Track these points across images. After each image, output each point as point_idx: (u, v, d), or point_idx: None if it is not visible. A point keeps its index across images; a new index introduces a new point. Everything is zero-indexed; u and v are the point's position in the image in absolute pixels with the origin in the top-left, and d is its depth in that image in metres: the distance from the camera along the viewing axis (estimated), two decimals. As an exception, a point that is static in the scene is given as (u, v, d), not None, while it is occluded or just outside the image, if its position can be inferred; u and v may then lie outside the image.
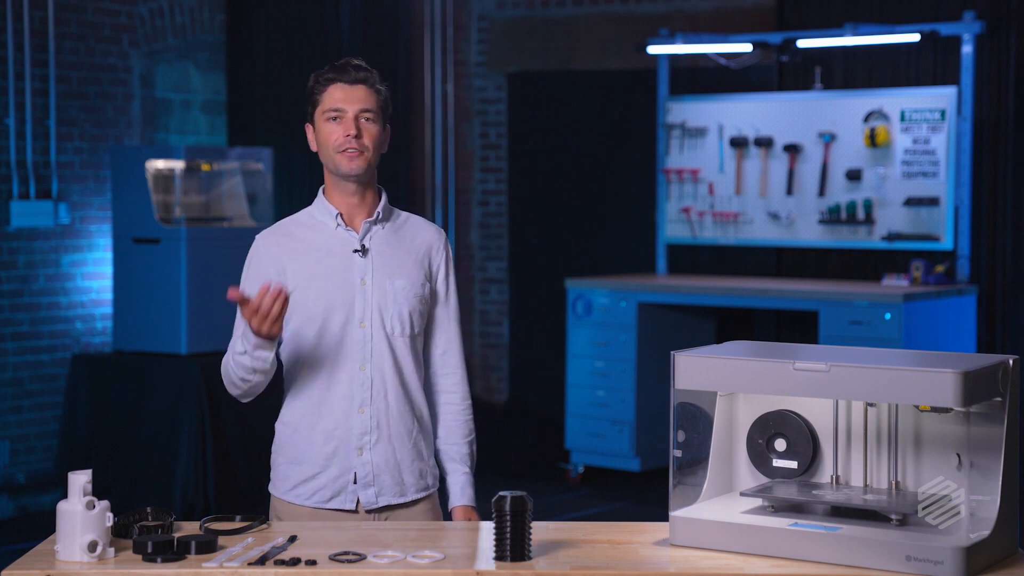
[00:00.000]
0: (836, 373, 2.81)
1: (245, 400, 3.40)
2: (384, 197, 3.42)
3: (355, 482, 3.33)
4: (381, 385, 3.34)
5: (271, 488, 3.42)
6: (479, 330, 9.54)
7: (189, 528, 3.08)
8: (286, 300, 3.14)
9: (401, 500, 3.37)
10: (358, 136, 3.30)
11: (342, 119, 3.31)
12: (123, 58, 7.83)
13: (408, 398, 3.37)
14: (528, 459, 8.51)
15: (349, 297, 3.33)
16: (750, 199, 8.28)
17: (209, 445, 7.09)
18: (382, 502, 3.35)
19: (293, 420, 3.38)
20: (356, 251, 3.35)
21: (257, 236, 3.42)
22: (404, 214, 3.46)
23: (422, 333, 3.42)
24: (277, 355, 3.33)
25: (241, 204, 7.73)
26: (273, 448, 3.43)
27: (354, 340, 3.32)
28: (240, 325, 3.29)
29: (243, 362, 3.24)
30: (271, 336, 3.18)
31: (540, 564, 2.81)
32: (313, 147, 3.40)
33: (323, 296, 3.32)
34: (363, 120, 3.32)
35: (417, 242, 3.42)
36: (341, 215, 3.37)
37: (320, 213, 3.40)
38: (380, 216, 3.39)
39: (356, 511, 3.34)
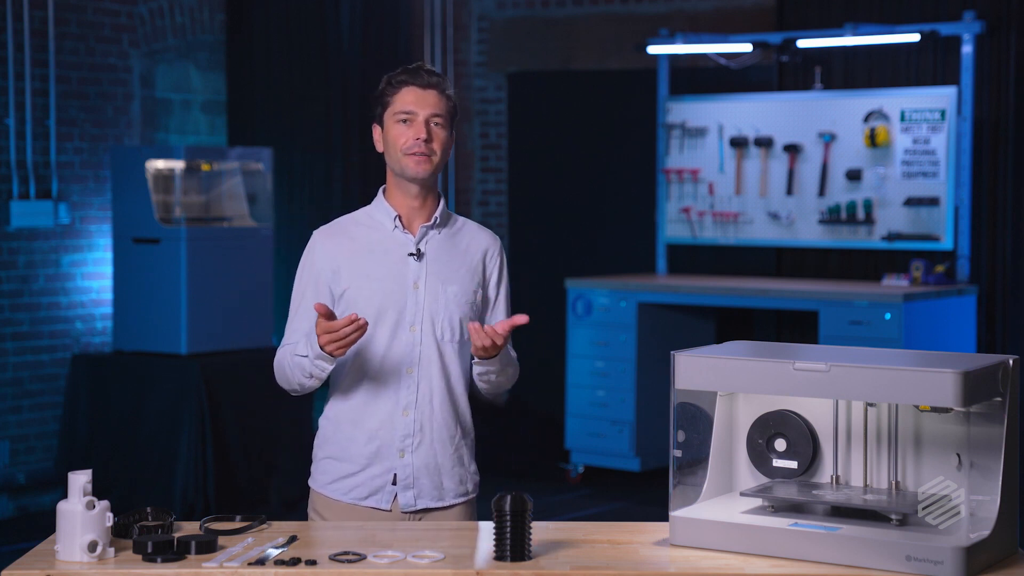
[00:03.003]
0: (836, 373, 2.81)
1: (295, 394, 3.42)
2: (443, 202, 3.44)
3: (394, 483, 3.35)
4: (427, 389, 3.35)
5: (310, 481, 3.44)
6: (479, 330, 9.53)
7: (189, 528, 3.08)
8: (364, 331, 3.15)
9: (439, 504, 3.38)
10: (428, 140, 3.32)
11: (412, 122, 3.33)
12: (123, 58, 7.83)
13: (453, 404, 3.39)
14: (528, 459, 8.51)
15: (401, 300, 3.34)
16: (750, 199, 8.28)
17: (209, 445, 7.08)
18: (420, 504, 3.36)
19: (337, 417, 3.39)
20: (411, 254, 3.37)
21: (315, 232, 3.44)
22: (461, 219, 3.48)
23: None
24: None
25: (241, 204, 7.73)
26: (315, 442, 3.45)
27: (403, 343, 3.34)
28: (297, 324, 3.34)
29: (303, 364, 3.26)
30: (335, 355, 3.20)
31: (540, 564, 2.81)
32: (379, 148, 3.41)
33: (375, 297, 3.33)
34: (433, 124, 3.34)
35: (472, 248, 3.44)
36: (400, 217, 3.38)
37: (379, 213, 3.41)
38: (438, 221, 3.41)
39: (391, 510, 3.36)
